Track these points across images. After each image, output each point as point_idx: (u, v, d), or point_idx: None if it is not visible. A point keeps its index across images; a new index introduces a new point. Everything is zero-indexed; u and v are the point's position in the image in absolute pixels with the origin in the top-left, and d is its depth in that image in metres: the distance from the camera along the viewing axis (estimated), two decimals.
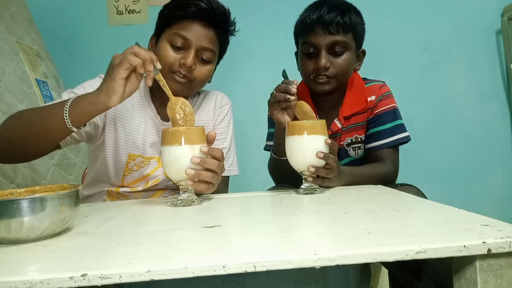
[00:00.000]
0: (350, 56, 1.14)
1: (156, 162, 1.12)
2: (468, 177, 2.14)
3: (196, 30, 1.04)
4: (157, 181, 1.12)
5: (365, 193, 0.93)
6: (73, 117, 0.84)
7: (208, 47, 1.06)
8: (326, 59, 1.12)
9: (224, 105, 1.23)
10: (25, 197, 0.59)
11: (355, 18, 1.13)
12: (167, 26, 1.06)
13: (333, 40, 1.11)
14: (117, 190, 1.11)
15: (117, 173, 1.10)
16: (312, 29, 1.12)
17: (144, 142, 1.10)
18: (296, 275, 0.85)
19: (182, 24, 1.04)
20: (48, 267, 0.48)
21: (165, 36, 1.06)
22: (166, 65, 1.04)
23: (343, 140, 1.21)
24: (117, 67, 0.81)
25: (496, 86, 2.16)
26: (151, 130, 1.11)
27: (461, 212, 0.64)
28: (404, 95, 1.74)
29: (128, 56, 0.81)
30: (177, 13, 1.04)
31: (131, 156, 1.09)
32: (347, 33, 1.12)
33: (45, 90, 1.66)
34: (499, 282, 0.48)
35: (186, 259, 0.46)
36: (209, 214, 0.77)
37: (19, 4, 1.76)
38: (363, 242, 0.50)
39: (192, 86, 1.09)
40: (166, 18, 1.07)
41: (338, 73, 1.14)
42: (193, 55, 1.03)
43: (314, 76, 1.14)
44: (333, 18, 1.10)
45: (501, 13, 2.13)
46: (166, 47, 1.04)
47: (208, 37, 1.05)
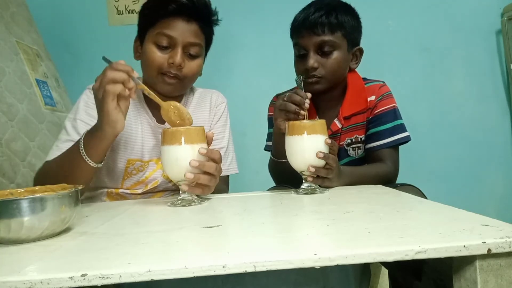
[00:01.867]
0: (340, 55, 1.14)
1: (154, 164, 1.11)
2: (468, 177, 2.14)
3: (180, 27, 1.03)
4: (156, 184, 1.11)
5: (365, 193, 0.93)
6: (94, 158, 0.88)
7: (194, 41, 1.05)
8: (313, 60, 1.12)
9: (219, 103, 1.23)
10: (25, 197, 0.59)
11: (343, 17, 1.13)
12: (150, 26, 1.05)
13: (320, 40, 1.12)
14: (116, 191, 1.11)
15: (116, 178, 1.09)
16: (300, 30, 1.14)
17: (143, 147, 1.10)
18: (296, 275, 0.85)
19: (165, 22, 1.03)
20: (48, 267, 0.48)
21: (149, 37, 1.05)
22: (155, 67, 1.04)
23: (343, 140, 1.21)
24: (104, 101, 0.82)
25: (496, 86, 2.16)
26: (148, 133, 1.11)
27: (461, 212, 0.64)
28: (404, 95, 1.74)
29: (108, 88, 0.80)
30: (158, 12, 1.03)
31: (130, 161, 1.09)
32: (335, 32, 1.12)
33: (45, 90, 1.66)
34: (499, 282, 0.48)
35: (186, 259, 0.46)
36: (209, 214, 0.77)
37: (19, 4, 1.75)
38: (363, 242, 0.50)
39: (184, 83, 1.08)
40: (148, 18, 1.06)
41: (328, 73, 1.14)
42: (180, 53, 1.03)
43: (305, 77, 1.14)
44: (317, 19, 1.11)
45: (501, 13, 2.12)
46: (152, 48, 1.04)
47: (192, 32, 1.04)
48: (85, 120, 1.04)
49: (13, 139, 1.39)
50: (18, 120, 1.44)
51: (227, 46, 2.06)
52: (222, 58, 2.07)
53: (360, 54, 1.22)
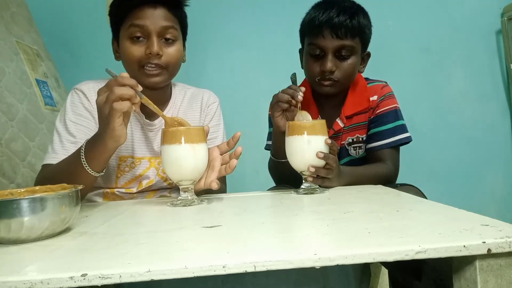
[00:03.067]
0: (355, 60, 1.14)
1: (147, 162, 1.11)
2: (468, 177, 2.14)
3: (149, 14, 1.01)
4: (151, 182, 1.11)
5: (365, 193, 0.93)
6: (96, 168, 0.89)
7: (167, 25, 1.03)
8: (332, 63, 1.11)
9: (211, 103, 1.21)
10: (25, 197, 0.59)
11: (363, 21, 1.12)
12: (121, 23, 1.04)
13: (341, 44, 1.10)
14: (112, 191, 1.10)
15: (109, 176, 1.09)
16: (320, 31, 1.10)
17: (133, 143, 1.09)
18: (296, 275, 0.85)
19: (133, 14, 1.02)
20: (48, 267, 0.48)
21: (123, 34, 1.04)
22: (134, 62, 1.02)
23: (345, 140, 1.21)
24: (111, 118, 0.80)
25: (496, 86, 2.16)
26: (136, 129, 1.11)
27: (461, 212, 0.64)
28: (404, 95, 1.73)
29: (115, 107, 0.79)
30: (125, 6, 1.02)
31: (122, 158, 1.08)
32: (355, 37, 1.11)
33: (45, 90, 1.66)
34: (499, 282, 0.48)
35: (186, 259, 0.46)
36: (209, 214, 0.77)
37: (19, 4, 1.75)
38: (363, 242, 0.50)
39: (168, 72, 1.06)
40: (117, 16, 1.05)
41: (343, 77, 1.13)
42: (156, 41, 1.01)
43: (320, 78, 1.14)
44: (342, 22, 1.08)
45: (501, 13, 2.13)
46: (127, 44, 1.03)
47: (163, 17, 1.03)
48: (74, 120, 1.04)
49: (13, 139, 1.39)
50: (18, 120, 1.44)
51: (227, 46, 2.07)
52: (222, 58, 2.07)
53: (367, 58, 1.22)
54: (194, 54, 2.03)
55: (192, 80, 1.82)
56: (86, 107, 1.06)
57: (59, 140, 1.02)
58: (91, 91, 1.07)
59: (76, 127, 1.03)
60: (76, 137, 1.02)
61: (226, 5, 2.08)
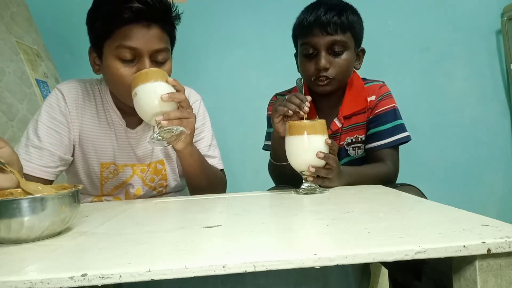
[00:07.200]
0: (349, 55, 1.15)
1: (130, 169, 1.09)
2: (468, 177, 2.14)
3: (141, 35, 0.92)
4: (139, 192, 1.10)
5: (365, 193, 0.93)
6: None
7: (160, 48, 0.95)
8: (326, 60, 1.12)
9: (193, 102, 1.14)
10: (25, 197, 0.59)
11: (352, 17, 1.14)
12: (106, 38, 0.95)
13: (332, 40, 1.12)
14: (100, 199, 1.10)
15: (93, 184, 1.08)
16: (310, 30, 1.12)
17: (114, 150, 1.07)
18: (296, 275, 0.85)
19: (123, 32, 0.92)
20: (48, 267, 0.48)
21: (108, 51, 0.95)
22: (124, 85, 0.93)
23: (343, 140, 1.21)
24: None
25: (496, 86, 2.16)
26: (119, 136, 1.07)
27: (461, 212, 0.64)
28: (404, 95, 1.74)
29: None
30: (113, 22, 0.92)
31: (103, 165, 1.07)
32: (345, 32, 1.13)
33: (45, 90, 1.66)
34: (498, 282, 0.48)
35: (186, 259, 0.46)
36: (209, 214, 0.77)
37: (19, 4, 1.75)
38: (363, 242, 0.50)
39: None
40: (101, 30, 0.95)
41: (338, 73, 1.14)
42: (148, 64, 0.93)
43: (315, 78, 1.14)
44: (330, 18, 1.10)
45: (501, 13, 2.12)
46: (116, 64, 0.94)
47: (156, 37, 0.94)
48: (46, 123, 1.00)
49: (13, 139, 1.39)
50: (18, 120, 1.44)
51: (227, 46, 2.06)
52: (222, 58, 2.07)
53: (363, 55, 1.23)
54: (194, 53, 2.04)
55: (192, 79, 1.83)
56: (61, 110, 1.02)
57: (24, 143, 0.99)
58: (72, 91, 1.04)
59: (47, 131, 0.99)
60: (42, 141, 0.98)
61: (226, 5, 2.07)
